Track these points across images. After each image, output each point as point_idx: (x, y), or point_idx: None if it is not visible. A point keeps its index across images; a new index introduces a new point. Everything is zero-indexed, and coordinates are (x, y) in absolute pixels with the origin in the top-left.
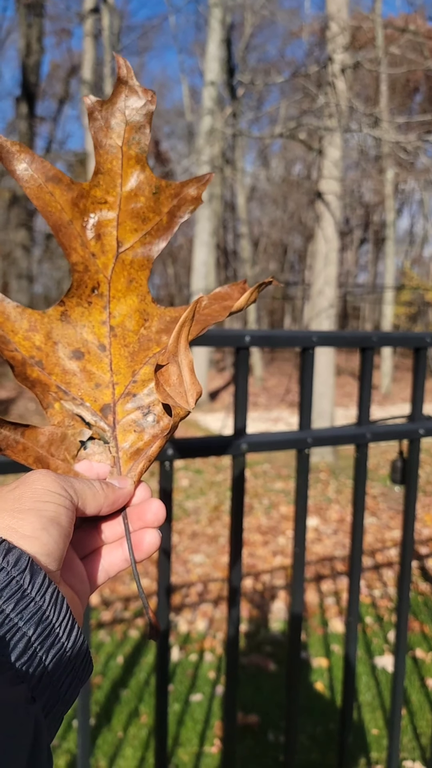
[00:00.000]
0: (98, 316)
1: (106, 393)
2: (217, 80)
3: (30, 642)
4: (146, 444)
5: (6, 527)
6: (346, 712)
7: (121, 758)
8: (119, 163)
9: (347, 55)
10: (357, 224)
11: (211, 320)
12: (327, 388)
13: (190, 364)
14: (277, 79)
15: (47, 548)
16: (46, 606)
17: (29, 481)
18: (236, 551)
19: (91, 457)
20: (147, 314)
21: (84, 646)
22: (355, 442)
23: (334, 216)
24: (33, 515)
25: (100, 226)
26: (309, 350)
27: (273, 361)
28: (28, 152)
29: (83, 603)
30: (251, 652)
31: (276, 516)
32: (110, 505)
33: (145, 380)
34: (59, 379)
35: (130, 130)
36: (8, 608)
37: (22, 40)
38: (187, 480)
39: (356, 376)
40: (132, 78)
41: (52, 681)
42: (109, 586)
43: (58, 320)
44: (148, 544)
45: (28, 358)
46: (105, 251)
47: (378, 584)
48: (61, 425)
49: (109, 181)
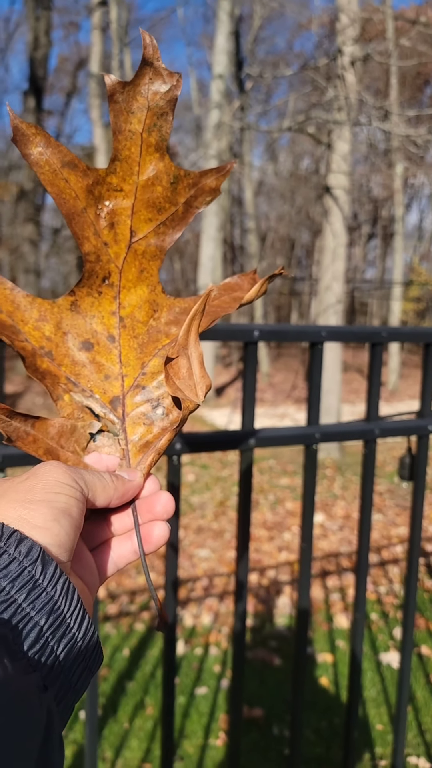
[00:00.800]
0: (108, 307)
1: (115, 385)
2: (225, 73)
3: (42, 632)
4: (155, 437)
5: (18, 518)
6: (352, 708)
7: (127, 749)
8: (138, 150)
9: (357, 47)
10: (365, 219)
11: (221, 312)
12: (334, 385)
13: (200, 357)
14: (285, 72)
15: (58, 539)
16: (57, 596)
17: (40, 473)
18: (243, 545)
19: (101, 450)
20: (157, 305)
21: (95, 636)
22: (363, 437)
23: (342, 211)
24: (44, 506)
25: (114, 214)
26: (318, 345)
27: (279, 357)
28: (44, 135)
29: (93, 594)
30: (256, 647)
31: (281, 512)
32: (120, 497)
33: (154, 372)
34: (69, 371)
35: (151, 115)
36: (20, 598)
37: (30, 34)
38: (193, 475)
39: (363, 372)
40: (158, 59)
41: (63, 670)
42: (116, 579)
43: (68, 310)
44: (157, 536)
45: (38, 348)
46: (118, 240)
47: (383, 581)
48: (71, 417)
49: (126, 168)
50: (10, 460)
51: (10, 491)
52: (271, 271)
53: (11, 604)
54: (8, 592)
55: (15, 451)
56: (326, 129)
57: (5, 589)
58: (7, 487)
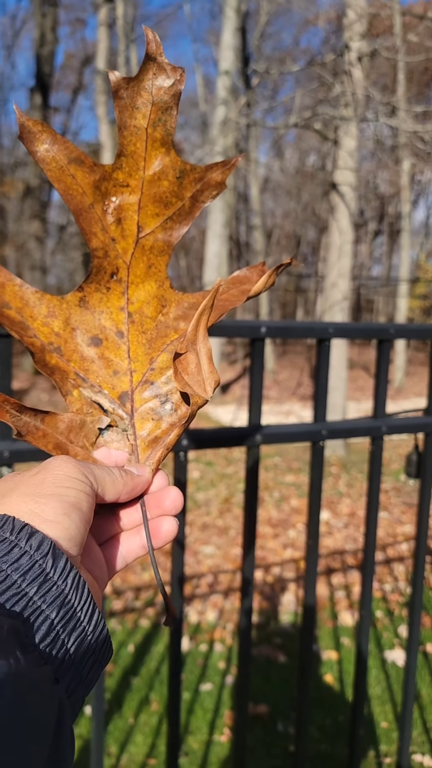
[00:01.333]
0: (116, 302)
1: (123, 380)
2: (231, 69)
3: (53, 625)
4: (164, 432)
5: (28, 512)
6: (358, 705)
7: (132, 744)
8: (143, 146)
9: (364, 43)
10: (372, 216)
11: (228, 305)
12: (340, 382)
13: (208, 352)
14: (292, 68)
15: (69, 533)
16: (68, 590)
17: (51, 467)
18: (249, 542)
19: (110, 445)
20: (165, 300)
21: (104, 630)
22: (370, 434)
23: (348, 207)
24: (55, 500)
25: (121, 210)
26: (325, 342)
27: (285, 354)
28: (50, 132)
29: (102, 588)
30: (261, 644)
31: (287, 509)
32: (129, 492)
33: (162, 368)
34: (77, 366)
35: (156, 110)
36: (31, 591)
37: (37, 31)
38: (198, 472)
39: (368, 370)
40: (161, 54)
41: (74, 663)
42: (121, 575)
43: (76, 306)
44: (165, 531)
45: (47, 344)
46: (125, 236)
47: (389, 579)
48: (80, 412)
49: (132, 163)
50: (17, 456)
51: (21, 485)
52: (280, 263)
53: (22, 597)
54: (19, 585)
55: (22, 446)
56: (333, 125)
57: (16, 582)
58: (18, 481)
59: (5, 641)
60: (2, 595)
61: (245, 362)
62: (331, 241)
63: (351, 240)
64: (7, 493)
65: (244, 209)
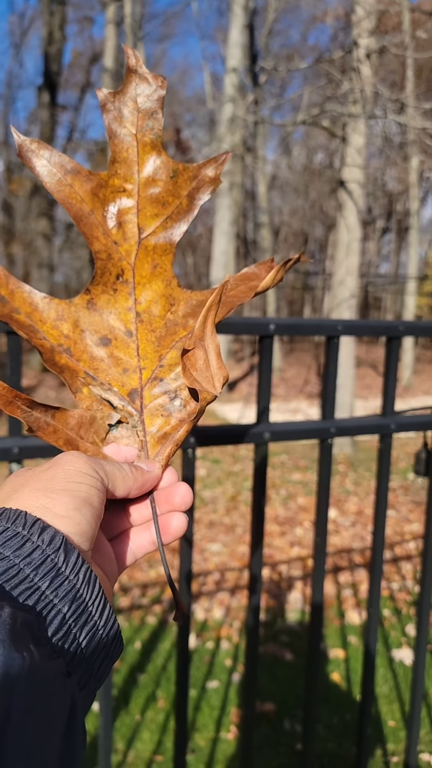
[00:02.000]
0: (124, 303)
1: (133, 378)
2: (239, 67)
3: (65, 619)
4: (173, 428)
5: (40, 507)
6: (366, 704)
7: (138, 741)
8: (135, 151)
9: (373, 39)
10: (380, 213)
11: (237, 301)
12: (347, 380)
13: (216, 348)
14: (300, 65)
15: (80, 528)
16: (79, 585)
17: (62, 462)
18: (257, 540)
19: (119, 441)
20: (173, 299)
21: (115, 624)
22: (379, 432)
23: (356, 205)
24: (66, 495)
25: (120, 214)
26: (334, 339)
27: (292, 351)
28: (46, 148)
29: (112, 583)
30: (268, 642)
31: (294, 507)
32: (139, 487)
33: (171, 365)
34: (87, 366)
35: (142, 117)
36: (44, 585)
37: (45, 29)
38: (204, 469)
39: (376, 368)
40: (141, 66)
41: (85, 657)
42: (127, 572)
43: (84, 308)
44: (175, 527)
45: (56, 345)
46: (127, 238)
47: (396, 577)
48: (90, 409)
49: (126, 169)
50: (26, 452)
51: (33, 480)
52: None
53: (35, 591)
54: (32, 580)
55: (31, 442)
56: (341, 122)
57: (29, 577)
58: (30, 476)
59: (19, 635)
60: (15, 588)
61: (252, 360)
62: (339, 239)
63: (359, 237)
64: (18, 488)
65: (252, 207)
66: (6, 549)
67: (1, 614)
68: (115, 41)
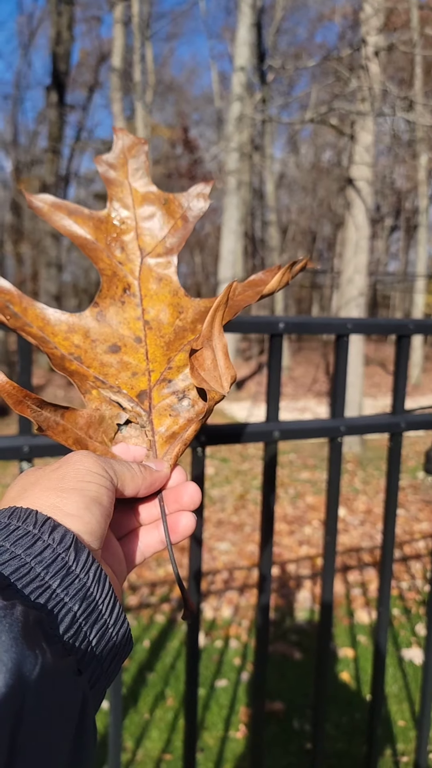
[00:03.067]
0: (133, 313)
1: (142, 380)
2: (246, 65)
3: (76, 617)
4: (181, 428)
5: (51, 505)
6: (376, 704)
7: (147, 739)
8: (128, 192)
9: (381, 37)
10: (388, 211)
11: (243, 304)
12: (356, 378)
13: (224, 348)
14: (308, 63)
15: (90, 527)
16: (90, 583)
17: (72, 461)
18: (267, 538)
19: (128, 440)
20: (181, 307)
21: (125, 623)
22: (389, 430)
23: (365, 203)
24: (76, 494)
25: (122, 241)
26: (344, 337)
27: (300, 350)
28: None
29: (121, 582)
30: (277, 640)
31: (302, 506)
32: (148, 487)
33: (180, 366)
34: (97, 371)
35: (132, 166)
36: (54, 584)
37: (53, 29)
38: (212, 468)
39: (385, 366)
40: (123, 129)
41: (96, 655)
42: (136, 571)
43: (94, 320)
44: (183, 526)
45: (67, 354)
46: (130, 259)
47: (406, 576)
48: (99, 409)
49: (123, 206)
50: (37, 451)
51: (43, 479)
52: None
53: (46, 590)
54: (43, 578)
55: (41, 441)
56: (349, 120)
57: (40, 575)
58: (40, 475)
59: (31, 632)
60: (27, 587)
61: (260, 358)
62: (347, 237)
63: (367, 235)
64: (29, 487)
65: (260, 205)
66: (17, 547)
67: (14, 612)
68: (123, 41)
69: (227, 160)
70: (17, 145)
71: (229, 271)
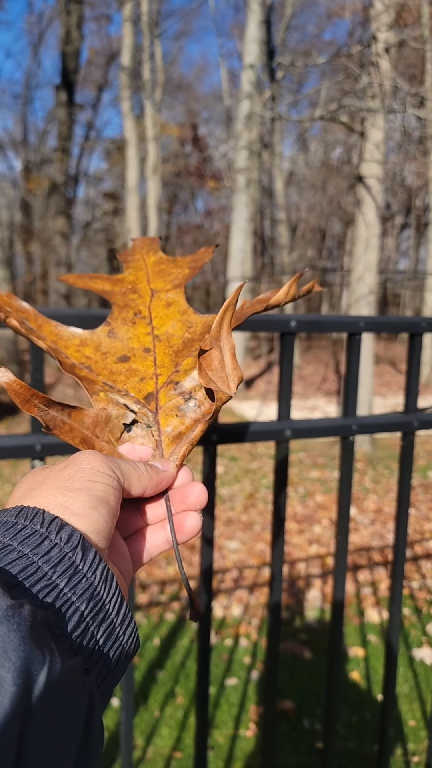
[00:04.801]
0: (143, 330)
1: (149, 384)
2: (256, 63)
3: (83, 616)
4: (188, 428)
5: (58, 505)
6: (388, 704)
7: (157, 737)
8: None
9: (392, 33)
10: (398, 209)
11: (248, 312)
12: (366, 377)
13: (232, 349)
14: (318, 60)
15: (97, 526)
16: (97, 582)
17: (78, 461)
18: (278, 537)
19: (134, 440)
20: (190, 323)
21: (132, 622)
22: (402, 429)
23: (375, 200)
24: (83, 494)
25: (135, 288)
26: (356, 336)
27: (309, 349)
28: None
29: (127, 582)
30: (287, 639)
31: (312, 505)
32: (154, 487)
33: (187, 369)
34: (106, 378)
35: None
36: (62, 583)
37: (62, 29)
38: (222, 467)
39: (395, 365)
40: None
41: (102, 655)
42: (146, 569)
43: (105, 336)
44: (189, 526)
45: (78, 363)
46: (142, 296)
47: (416, 576)
48: (106, 409)
49: (137, 268)
50: (49, 449)
51: (50, 479)
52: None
53: (53, 589)
54: (50, 577)
55: (53, 440)
56: (359, 117)
57: (47, 574)
58: (47, 474)
59: (39, 631)
60: (34, 586)
61: (269, 357)
62: (357, 235)
63: (378, 233)
64: (36, 486)
65: (269, 204)
66: (25, 546)
67: (22, 611)
68: (132, 39)
69: (236, 158)
70: (27, 144)
71: (238, 270)
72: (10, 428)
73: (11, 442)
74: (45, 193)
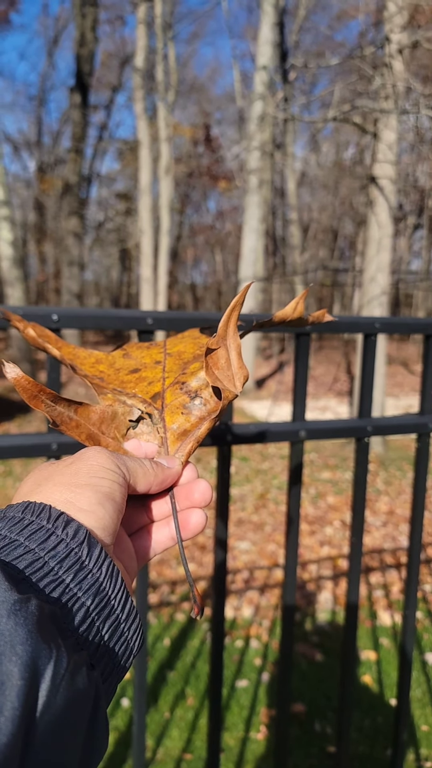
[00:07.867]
0: (156, 349)
1: (156, 385)
2: (269, 64)
3: (89, 612)
4: (193, 426)
5: (64, 501)
6: (402, 707)
7: (168, 738)
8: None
9: (405, 34)
10: (411, 209)
11: (256, 328)
12: (378, 377)
13: (238, 348)
14: (331, 61)
15: (102, 522)
16: (102, 578)
17: (85, 457)
18: (292, 538)
19: (140, 437)
20: (201, 343)
21: (137, 618)
22: (417, 431)
23: (388, 201)
24: (89, 490)
25: None
26: (371, 336)
27: (321, 349)
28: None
29: (132, 578)
30: (298, 641)
31: (323, 506)
32: (159, 483)
33: (194, 371)
34: (116, 386)
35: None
36: (68, 578)
37: (77, 31)
38: (232, 467)
39: (407, 366)
40: None
41: (108, 651)
42: (156, 569)
43: (120, 357)
44: (194, 523)
45: (91, 376)
46: None
47: (429, 579)
48: (112, 405)
49: None
50: (64, 448)
51: (56, 475)
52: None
53: (60, 584)
54: (56, 573)
55: (70, 439)
56: (372, 118)
57: (53, 570)
58: (53, 470)
59: (46, 626)
60: (41, 581)
61: (280, 357)
62: (369, 235)
63: (390, 234)
64: (42, 482)
65: (281, 204)
66: (31, 542)
67: (29, 606)
68: (146, 41)
69: (249, 159)
70: (41, 145)
71: (249, 270)
72: (22, 426)
73: (28, 441)
74: (58, 194)
